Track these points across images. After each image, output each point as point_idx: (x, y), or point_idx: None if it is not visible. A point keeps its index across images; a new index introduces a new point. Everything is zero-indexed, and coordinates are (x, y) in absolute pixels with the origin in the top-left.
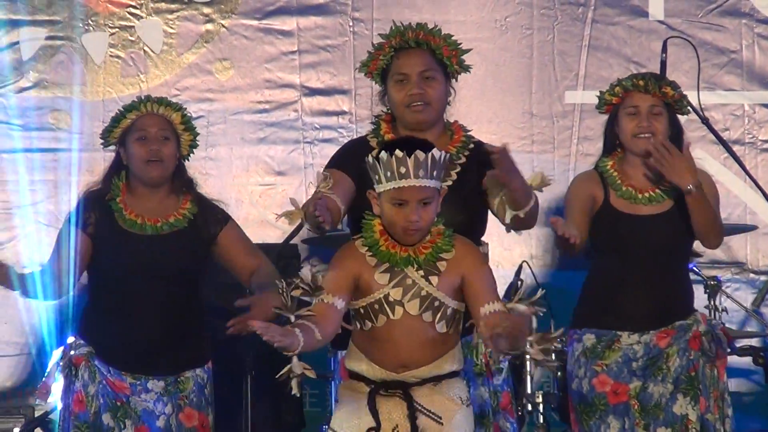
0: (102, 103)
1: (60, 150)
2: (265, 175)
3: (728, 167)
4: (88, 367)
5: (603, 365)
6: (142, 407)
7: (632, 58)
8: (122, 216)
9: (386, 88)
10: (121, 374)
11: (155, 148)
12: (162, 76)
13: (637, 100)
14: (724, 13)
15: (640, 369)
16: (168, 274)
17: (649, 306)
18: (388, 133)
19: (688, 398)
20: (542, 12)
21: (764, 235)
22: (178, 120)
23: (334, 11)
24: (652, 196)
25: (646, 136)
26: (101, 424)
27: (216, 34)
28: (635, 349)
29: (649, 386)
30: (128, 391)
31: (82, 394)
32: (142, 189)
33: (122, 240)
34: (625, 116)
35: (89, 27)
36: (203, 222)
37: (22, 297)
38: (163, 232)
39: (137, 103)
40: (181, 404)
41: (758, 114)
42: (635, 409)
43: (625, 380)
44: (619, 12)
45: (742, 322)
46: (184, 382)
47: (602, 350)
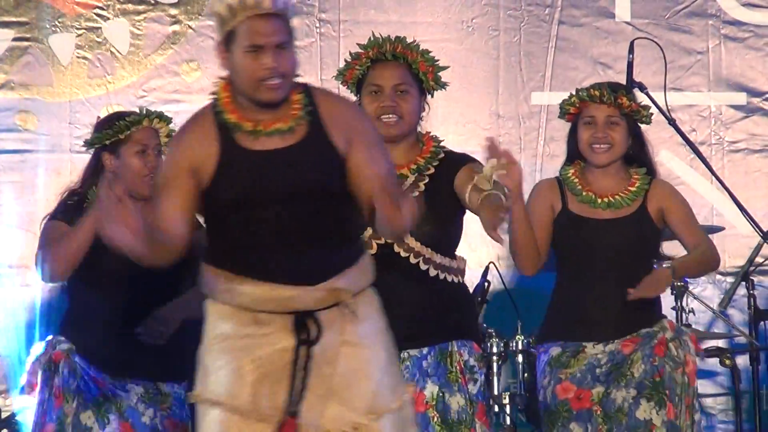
0: (69, 104)
1: (26, 151)
2: None
3: (695, 168)
4: (68, 363)
5: (567, 373)
6: (127, 404)
7: (599, 60)
8: None
9: (360, 98)
10: (101, 373)
11: (153, 164)
12: (129, 77)
13: (593, 111)
14: (691, 14)
15: (603, 375)
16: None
17: (615, 314)
18: None
19: (652, 403)
20: (509, 13)
21: (731, 237)
22: (165, 133)
23: (301, 12)
24: (611, 201)
25: (603, 147)
26: (78, 423)
27: (183, 36)
28: (599, 358)
29: (612, 392)
30: (110, 388)
31: (61, 389)
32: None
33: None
34: (582, 126)
35: (56, 28)
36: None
37: None
38: None
39: (140, 116)
40: (164, 413)
41: (725, 115)
42: (597, 415)
43: (588, 386)
44: (585, 13)
45: (709, 323)
46: (165, 395)
47: (567, 360)
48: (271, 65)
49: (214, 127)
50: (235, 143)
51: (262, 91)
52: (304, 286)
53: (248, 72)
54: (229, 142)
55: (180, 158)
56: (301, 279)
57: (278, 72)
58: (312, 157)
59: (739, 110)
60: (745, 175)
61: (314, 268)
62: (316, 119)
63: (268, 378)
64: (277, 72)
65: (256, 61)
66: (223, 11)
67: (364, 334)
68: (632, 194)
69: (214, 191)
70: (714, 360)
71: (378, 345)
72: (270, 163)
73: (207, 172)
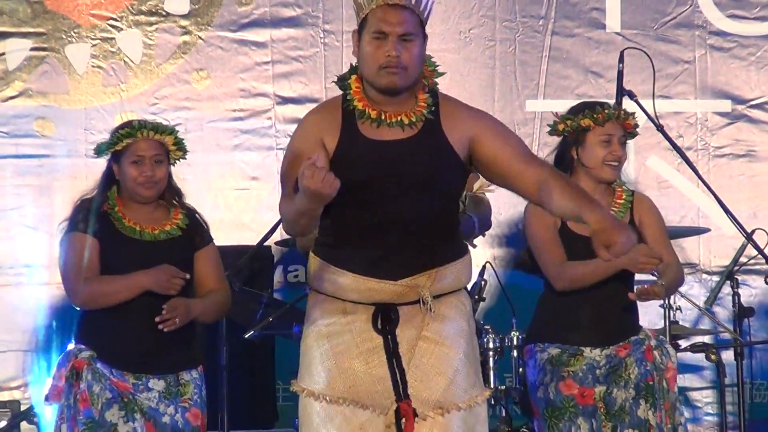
0: (84, 111)
1: (44, 156)
2: (240, 180)
3: (682, 172)
4: (91, 370)
5: (569, 371)
6: (147, 405)
7: (591, 69)
8: (122, 224)
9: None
10: (123, 375)
11: (149, 173)
12: (141, 85)
13: (611, 129)
14: (678, 25)
15: (603, 376)
16: None
17: (608, 323)
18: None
19: (648, 404)
20: (504, 24)
21: (716, 238)
22: (171, 141)
23: (306, 23)
24: None
25: (617, 165)
26: (104, 422)
27: (193, 46)
28: (598, 360)
29: (612, 391)
30: (131, 390)
31: (87, 393)
32: (132, 203)
33: (123, 246)
34: (599, 143)
35: (72, 39)
36: (192, 234)
37: None
38: (159, 239)
39: (134, 129)
40: (185, 406)
41: (710, 121)
42: (601, 412)
43: (589, 385)
44: (577, 24)
45: (696, 320)
46: (185, 385)
47: (567, 359)
48: (392, 53)
49: (339, 113)
50: (356, 130)
51: (382, 76)
52: (387, 280)
53: (371, 57)
54: (351, 128)
55: (309, 132)
56: (385, 273)
57: (399, 61)
58: (426, 152)
59: (724, 117)
60: (730, 179)
61: (401, 263)
62: (436, 119)
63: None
64: (397, 61)
65: (380, 48)
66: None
67: (445, 333)
68: (621, 207)
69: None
70: (700, 355)
71: (457, 346)
72: (385, 152)
73: (328, 150)
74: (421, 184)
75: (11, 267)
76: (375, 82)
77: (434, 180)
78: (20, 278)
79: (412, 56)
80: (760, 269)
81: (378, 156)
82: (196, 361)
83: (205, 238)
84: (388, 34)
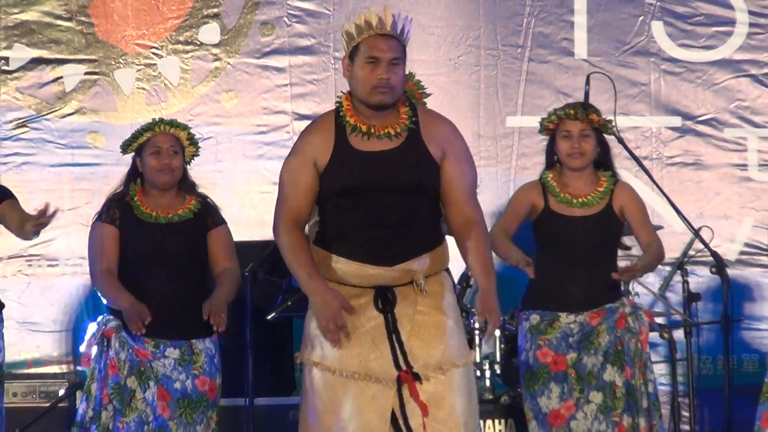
0: (130, 126)
1: (95, 165)
2: (263, 184)
3: (639, 178)
4: (118, 338)
5: (545, 340)
6: (162, 372)
7: (561, 90)
8: (140, 210)
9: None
10: (144, 343)
11: (166, 161)
12: (179, 104)
13: (569, 126)
14: (636, 52)
15: (575, 343)
16: (180, 254)
17: (584, 291)
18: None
19: (615, 368)
20: (488, 52)
21: (669, 234)
22: (185, 137)
23: (319, 51)
24: (584, 201)
25: (578, 156)
26: (126, 387)
27: (223, 70)
28: (572, 327)
29: (583, 357)
30: (150, 357)
31: (115, 360)
32: (154, 191)
33: (141, 229)
34: (561, 139)
35: (120, 64)
36: (204, 216)
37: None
38: (173, 222)
39: (152, 124)
40: (195, 373)
41: (663, 135)
42: (572, 377)
43: (563, 352)
44: (550, 52)
45: (651, 304)
46: (198, 354)
47: (545, 327)
48: (383, 75)
49: (333, 127)
50: (347, 143)
51: (374, 95)
52: (384, 266)
53: (365, 79)
54: (343, 141)
55: (304, 148)
56: (382, 261)
57: (388, 82)
58: (409, 160)
59: (675, 131)
60: (680, 184)
61: (395, 252)
62: (416, 130)
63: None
64: (387, 82)
65: (373, 71)
66: (352, 30)
67: (437, 306)
68: (601, 194)
69: (324, 180)
70: (655, 334)
71: (447, 315)
72: (373, 162)
73: (322, 163)
74: (407, 188)
75: (68, 259)
76: (367, 100)
77: (418, 183)
78: (76, 269)
79: (398, 77)
80: (705, 261)
81: (369, 165)
82: (209, 330)
83: (217, 220)
84: (380, 59)
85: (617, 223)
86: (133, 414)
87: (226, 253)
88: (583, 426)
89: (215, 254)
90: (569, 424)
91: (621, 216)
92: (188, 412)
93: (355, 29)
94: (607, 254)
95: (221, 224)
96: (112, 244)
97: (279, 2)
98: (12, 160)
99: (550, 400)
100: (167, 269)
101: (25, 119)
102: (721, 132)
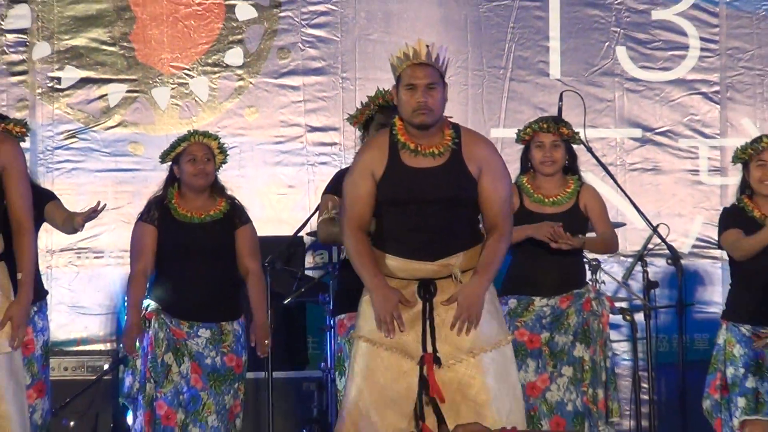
0: (165, 137)
1: (136, 170)
2: (281, 187)
3: (605, 182)
4: (158, 320)
5: (522, 321)
6: (195, 349)
7: (538, 106)
8: (177, 212)
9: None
10: (180, 324)
11: (201, 167)
12: (207, 118)
13: (542, 137)
14: (603, 73)
15: (548, 324)
16: (211, 250)
17: (554, 278)
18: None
19: (583, 345)
20: (475, 73)
21: (630, 230)
22: (216, 146)
23: (329, 72)
24: (555, 200)
25: (549, 163)
26: (163, 363)
27: (245, 89)
28: (544, 310)
29: (555, 337)
30: (185, 336)
31: (154, 339)
32: (190, 194)
33: (177, 227)
34: (534, 148)
35: (156, 84)
36: (232, 216)
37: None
38: (205, 221)
39: (188, 135)
40: (224, 351)
41: (626, 145)
42: (546, 353)
43: (537, 332)
44: (528, 72)
45: (615, 290)
46: (226, 334)
47: (521, 311)
48: (421, 99)
49: (387, 145)
50: (398, 159)
51: (415, 116)
52: (426, 262)
53: (406, 103)
54: (395, 157)
55: (364, 161)
56: (425, 257)
57: (426, 104)
58: (450, 176)
59: (636, 141)
60: (640, 187)
61: (435, 250)
62: (458, 150)
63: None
64: (425, 104)
65: (412, 96)
66: (395, 62)
67: None
68: (569, 195)
69: (380, 191)
70: (618, 316)
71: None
72: (419, 177)
73: (378, 175)
74: (447, 200)
75: (112, 252)
76: (411, 121)
77: (456, 197)
78: (118, 260)
79: (436, 100)
80: (662, 253)
81: (415, 180)
82: (237, 314)
83: (243, 219)
84: (416, 85)
85: (583, 219)
86: (169, 386)
87: (250, 249)
88: (557, 396)
89: (241, 249)
90: (545, 394)
91: (585, 213)
92: (217, 384)
93: (396, 61)
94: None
95: (247, 223)
96: (151, 242)
97: (294, 30)
98: (63, 166)
99: (527, 373)
100: (200, 262)
101: (75, 131)
102: (676, 142)
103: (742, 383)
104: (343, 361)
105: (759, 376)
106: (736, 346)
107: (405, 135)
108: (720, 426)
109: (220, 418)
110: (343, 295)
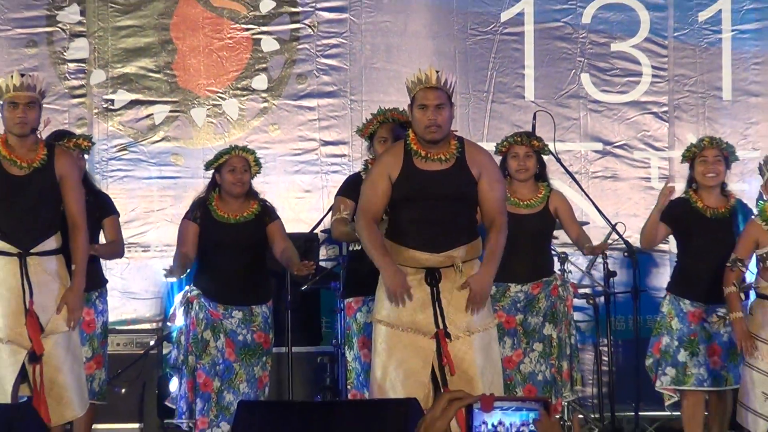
0: (202, 150)
1: (178, 177)
2: (298, 192)
3: (572, 188)
4: (198, 302)
5: (500, 305)
6: (229, 328)
7: (515, 123)
8: (216, 213)
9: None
10: (217, 306)
11: (239, 176)
12: (237, 134)
13: (517, 149)
14: (570, 96)
15: (522, 307)
16: (244, 245)
17: (527, 268)
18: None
19: (551, 325)
20: (461, 96)
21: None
22: (252, 159)
23: (339, 95)
24: (529, 203)
25: (523, 171)
26: (202, 339)
27: (269, 109)
28: (519, 295)
29: (528, 318)
30: (221, 317)
31: (195, 318)
32: (228, 198)
33: (217, 226)
34: (511, 158)
35: (194, 105)
36: (263, 216)
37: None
38: (240, 222)
39: (230, 149)
40: (254, 329)
41: (589, 156)
42: (520, 332)
43: (513, 314)
44: (507, 95)
45: (580, 279)
46: (256, 316)
47: (499, 296)
48: (431, 117)
49: (402, 152)
50: (412, 163)
51: (426, 133)
52: (433, 253)
53: (419, 121)
54: (409, 161)
55: (382, 165)
56: (432, 249)
57: (435, 122)
58: (455, 178)
59: (598, 153)
60: (601, 192)
61: (441, 243)
62: (462, 157)
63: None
64: (435, 122)
65: (424, 114)
66: (410, 84)
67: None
68: (540, 199)
69: (395, 189)
70: (583, 300)
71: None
72: (429, 178)
73: (393, 176)
74: (452, 197)
75: (157, 246)
76: (423, 137)
77: (460, 195)
78: (163, 253)
79: (444, 118)
80: (620, 247)
81: (425, 181)
82: (266, 298)
83: (273, 217)
84: (427, 106)
85: (552, 220)
86: (207, 358)
87: (282, 236)
88: (529, 368)
89: (274, 238)
90: (519, 366)
91: (555, 215)
92: (248, 357)
93: (411, 84)
94: (544, 242)
95: (276, 219)
96: (193, 237)
97: (310, 60)
98: (116, 174)
99: (504, 349)
100: (235, 255)
101: (126, 144)
102: (631, 154)
103: (675, 355)
104: (351, 338)
105: (690, 351)
106: (674, 319)
107: (417, 144)
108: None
109: (250, 385)
110: (351, 282)
